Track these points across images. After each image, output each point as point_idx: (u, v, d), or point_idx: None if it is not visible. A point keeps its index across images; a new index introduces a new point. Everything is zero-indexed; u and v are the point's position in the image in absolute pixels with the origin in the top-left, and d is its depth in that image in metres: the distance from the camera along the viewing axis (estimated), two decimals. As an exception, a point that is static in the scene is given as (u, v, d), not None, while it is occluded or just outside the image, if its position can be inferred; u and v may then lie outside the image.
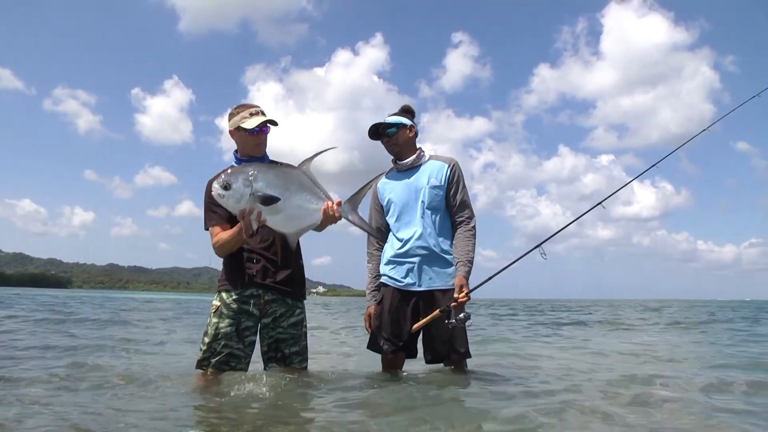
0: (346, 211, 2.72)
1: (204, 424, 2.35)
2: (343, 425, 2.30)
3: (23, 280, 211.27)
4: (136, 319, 11.48)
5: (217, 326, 2.92)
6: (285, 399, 2.72)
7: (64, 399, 2.83)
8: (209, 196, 2.95)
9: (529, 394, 3.08)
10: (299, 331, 3.06)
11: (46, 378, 3.39)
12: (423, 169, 3.31)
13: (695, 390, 3.29)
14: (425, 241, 3.21)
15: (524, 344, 6.91)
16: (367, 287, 3.42)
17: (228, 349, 2.91)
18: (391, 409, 2.62)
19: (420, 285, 3.22)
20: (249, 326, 2.96)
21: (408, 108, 3.40)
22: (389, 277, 3.30)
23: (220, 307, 2.95)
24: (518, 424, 2.32)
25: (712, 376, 3.75)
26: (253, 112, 3.00)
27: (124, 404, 2.75)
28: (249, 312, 2.96)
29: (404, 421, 2.36)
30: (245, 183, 2.54)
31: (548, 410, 2.54)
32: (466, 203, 3.29)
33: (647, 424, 2.43)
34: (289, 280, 3.02)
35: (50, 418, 2.31)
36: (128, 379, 3.34)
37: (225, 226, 2.94)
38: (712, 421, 2.47)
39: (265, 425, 2.30)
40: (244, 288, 2.96)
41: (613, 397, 3.00)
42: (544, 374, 3.99)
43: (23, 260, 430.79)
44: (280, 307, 3.00)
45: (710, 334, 9.20)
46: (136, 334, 7.71)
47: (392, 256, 3.30)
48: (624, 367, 4.47)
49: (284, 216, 2.63)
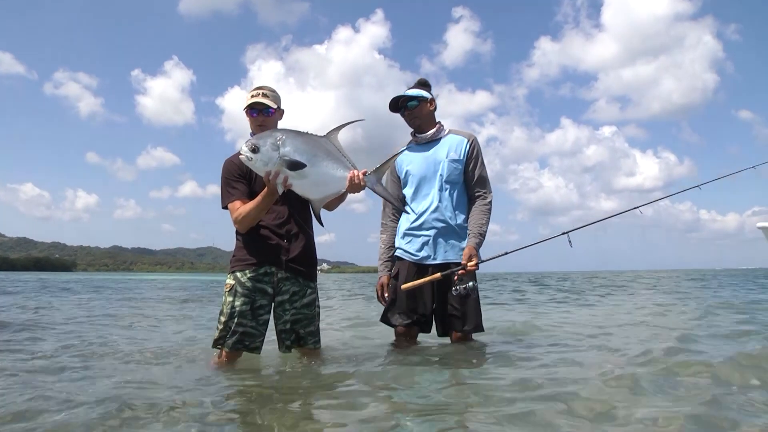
0: (372, 181, 2.78)
1: (226, 405, 2.37)
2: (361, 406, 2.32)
3: (28, 265, 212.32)
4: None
5: (232, 305, 2.93)
6: (303, 379, 2.77)
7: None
8: (228, 173, 2.98)
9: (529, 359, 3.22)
10: (312, 311, 3.07)
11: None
12: (442, 143, 3.31)
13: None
14: (441, 214, 3.22)
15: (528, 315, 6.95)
16: (380, 257, 3.44)
17: (242, 328, 2.92)
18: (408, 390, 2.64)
19: (435, 258, 3.24)
20: (263, 305, 2.97)
21: (425, 81, 3.40)
22: (404, 251, 3.32)
23: (235, 285, 2.95)
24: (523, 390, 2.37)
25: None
26: (254, 94, 3.00)
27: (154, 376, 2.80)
28: (263, 290, 2.96)
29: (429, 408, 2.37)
30: (273, 147, 2.57)
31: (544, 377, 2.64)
32: (484, 178, 3.31)
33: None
34: (302, 258, 3.02)
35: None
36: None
37: (245, 201, 2.92)
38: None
39: (284, 407, 2.33)
40: (258, 266, 2.96)
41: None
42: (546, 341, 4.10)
43: (27, 244, 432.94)
44: (293, 286, 3.00)
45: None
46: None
47: (407, 228, 3.31)
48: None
49: (310, 182, 2.67)
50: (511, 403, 2.22)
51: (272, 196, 2.75)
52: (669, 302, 9.15)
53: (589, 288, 15.74)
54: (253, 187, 2.97)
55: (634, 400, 2.25)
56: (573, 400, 2.22)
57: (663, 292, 13.26)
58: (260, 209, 2.85)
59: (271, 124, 3.02)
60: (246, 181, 2.97)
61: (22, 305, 9.20)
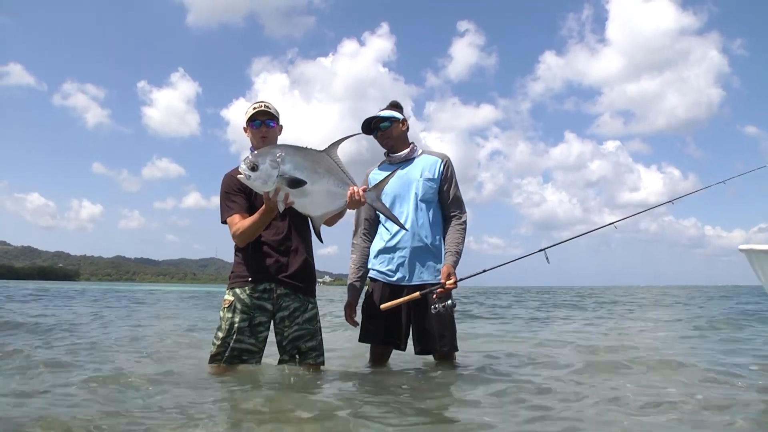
0: (372, 198, 2.80)
1: (223, 419, 2.40)
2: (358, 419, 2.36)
3: (32, 273, 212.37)
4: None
5: (230, 321, 2.95)
6: (297, 393, 2.78)
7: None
8: (227, 187, 3.00)
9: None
10: (314, 326, 3.08)
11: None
12: (416, 163, 3.34)
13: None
14: (417, 232, 3.23)
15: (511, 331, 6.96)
16: (349, 278, 3.40)
17: (241, 344, 2.94)
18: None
19: (411, 280, 3.24)
20: (262, 321, 2.99)
21: (397, 103, 3.45)
22: (378, 272, 3.31)
23: (234, 302, 2.97)
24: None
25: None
26: (255, 107, 3.04)
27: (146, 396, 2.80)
28: (262, 307, 2.98)
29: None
30: (273, 164, 2.52)
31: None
32: (459, 198, 3.34)
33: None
34: (301, 274, 3.04)
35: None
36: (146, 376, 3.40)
37: (244, 215, 2.94)
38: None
39: (281, 420, 2.35)
40: (257, 282, 2.98)
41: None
42: (528, 358, 4.21)
43: (32, 253, 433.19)
44: (293, 302, 3.02)
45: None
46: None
47: (382, 248, 3.31)
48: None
49: (311, 199, 2.65)
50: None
51: (271, 214, 2.74)
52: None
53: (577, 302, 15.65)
54: (252, 201, 2.98)
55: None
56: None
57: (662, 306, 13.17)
58: (258, 226, 2.86)
59: (273, 136, 3.06)
60: (245, 195, 2.98)
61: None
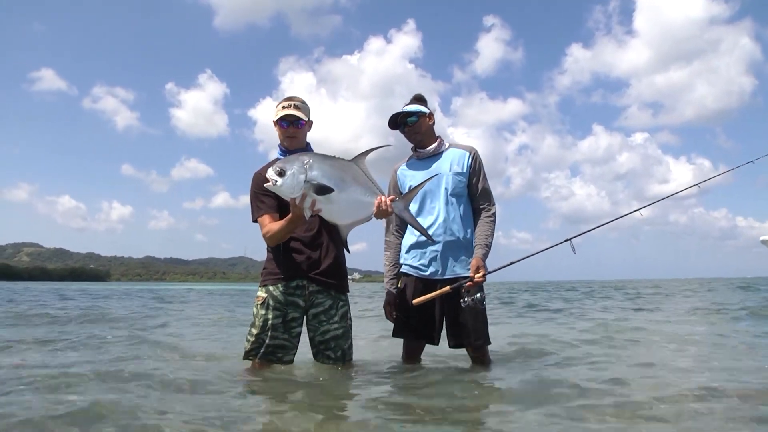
0: (399, 208, 2.79)
1: (261, 417, 2.40)
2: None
3: (64, 275, 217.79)
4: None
5: (264, 317, 2.96)
6: (331, 389, 2.80)
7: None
8: (256, 186, 3.00)
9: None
10: (346, 323, 3.08)
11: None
12: (444, 157, 3.29)
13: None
14: (449, 227, 3.19)
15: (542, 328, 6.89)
16: (386, 275, 3.39)
17: (276, 341, 2.95)
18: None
19: (444, 274, 3.20)
20: (295, 317, 2.99)
21: (421, 96, 3.39)
22: (411, 266, 3.28)
23: (267, 298, 2.98)
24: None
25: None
26: (285, 105, 3.02)
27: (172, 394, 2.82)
28: (295, 303, 2.99)
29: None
30: (300, 170, 2.53)
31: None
32: (487, 191, 3.29)
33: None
34: (332, 271, 3.03)
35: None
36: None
37: (274, 215, 2.95)
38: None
39: (316, 418, 2.33)
40: (289, 279, 2.99)
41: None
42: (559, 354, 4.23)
43: (63, 255, 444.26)
44: (326, 299, 3.02)
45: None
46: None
47: (414, 243, 3.27)
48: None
49: (338, 207, 2.64)
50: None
51: (297, 221, 2.73)
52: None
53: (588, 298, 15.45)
54: (281, 200, 2.95)
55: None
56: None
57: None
58: (286, 232, 2.87)
59: (302, 135, 3.05)
60: (274, 195, 2.93)
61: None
